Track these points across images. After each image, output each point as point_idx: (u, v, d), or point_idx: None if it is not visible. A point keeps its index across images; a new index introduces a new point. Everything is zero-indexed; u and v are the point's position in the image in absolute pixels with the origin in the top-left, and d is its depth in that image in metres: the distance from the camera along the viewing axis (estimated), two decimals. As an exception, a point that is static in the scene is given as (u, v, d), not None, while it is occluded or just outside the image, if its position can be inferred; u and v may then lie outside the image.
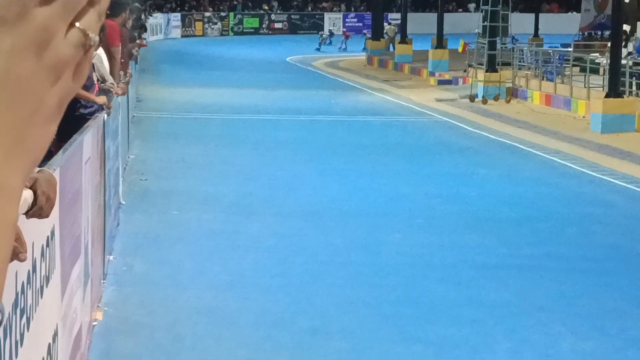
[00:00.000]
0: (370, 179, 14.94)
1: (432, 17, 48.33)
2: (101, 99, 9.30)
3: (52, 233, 4.93)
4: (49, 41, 0.68)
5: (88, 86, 9.07)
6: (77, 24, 0.70)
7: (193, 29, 62.62)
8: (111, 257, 9.76)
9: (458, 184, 14.63)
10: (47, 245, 4.71)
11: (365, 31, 51.64)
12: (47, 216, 3.74)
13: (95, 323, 7.77)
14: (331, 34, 54.85)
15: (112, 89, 10.77)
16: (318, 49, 50.89)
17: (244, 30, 64.79)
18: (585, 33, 38.85)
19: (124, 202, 12.42)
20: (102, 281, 8.74)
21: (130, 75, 15.40)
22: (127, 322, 8.04)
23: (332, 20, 65.52)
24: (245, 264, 9.93)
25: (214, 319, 8.22)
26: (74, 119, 7.97)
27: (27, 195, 3.43)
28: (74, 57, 0.70)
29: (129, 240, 10.74)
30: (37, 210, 3.60)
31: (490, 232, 11.57)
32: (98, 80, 10.36)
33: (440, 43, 36.32)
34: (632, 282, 9.61)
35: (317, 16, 66.22)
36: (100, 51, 10.81)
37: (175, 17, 61.84)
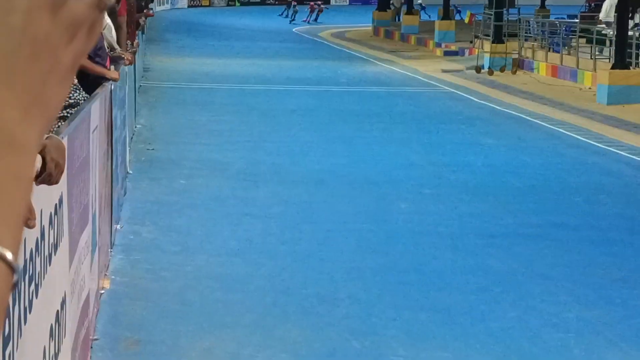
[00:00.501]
0: (378, 147, 14.96)
1: (439, -13, 48.11)
2: (114, 74, 9.31)
3: (60, 201, 4.96)
4: (65, 0, 0.69)
5: (103, 57, 9.06)
6: None
7: (199, -1, 62.45)
8: (119, 226, 9.80)
9: (464, 154, 14.65)
10: (56, 212, 4.74)
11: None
12: (56, 182, 3.73)
13: (102, 291, 7.81)
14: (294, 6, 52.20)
15: (122, 56, 10.79)
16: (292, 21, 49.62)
17: (251, 1, 64.60)
18: (592, 4, 38.65)
19: (131, 171, 12.46)
20: (109, 249, 8.79)
21: (137, 45, 15.40)
22: (135, 288, 8.09)
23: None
24: (253, 231, 9.97)
25: (223, 285, 8.27)
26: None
27: (36, 161, 3.43)
28: (88, 17, 0.71)
29: (136, 208, 10.78)
30: (46, 176, 3.57)
31: (497, 201, 11.60)
32: (108, 49, 10.36)
33: (447, 14, 36.18)
34: (638, 252, 9.64)
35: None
36: (108, 21, 10.81)
37: (182, -13, 61.67)
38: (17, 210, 0.66)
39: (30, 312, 3.87)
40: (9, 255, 0.64)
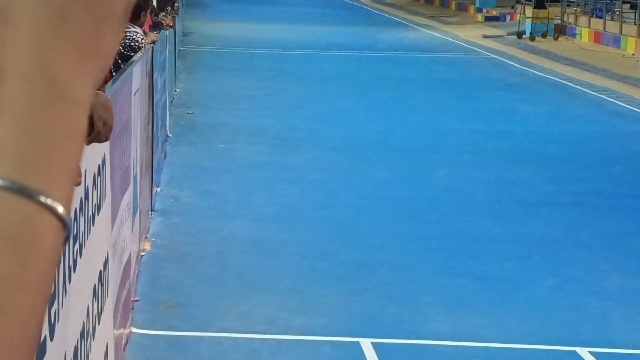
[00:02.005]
0: (416, 114, 14.89)
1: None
2: (153, 36, 9.32)
3: (103, 162, 4.98)
4: None
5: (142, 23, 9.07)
6: None
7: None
8: (159, 189, 9.86)
9: (504, 121, 14.55)
10: (99, 173, 4.76)
11: None
12: (106, 140, 3.69)
13: (143, 253, 7.87)
14: None
15: (163, 21, 10.82)
16: None
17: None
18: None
19: (170, 135, 12.50)
20: (150, 212, 8.84)
21: (177, 8, 15.40)
22: (174, 252, 8.14)
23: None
24: (290, 197, 9.98)
25: (259, 249, 8.29)
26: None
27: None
28: None
29: (175, 172, 10.82)
30: (95, 135, 3.54)
31: (536, 169, 11.51)
32: (151, 12, 10.38)
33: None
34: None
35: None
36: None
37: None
38: (69, 164, 0.65)
39: (74, 272, 3.89)
40: (60, 209, 0.63)
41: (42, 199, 0.62)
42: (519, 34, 26.49)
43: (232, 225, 8.88)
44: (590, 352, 6.44)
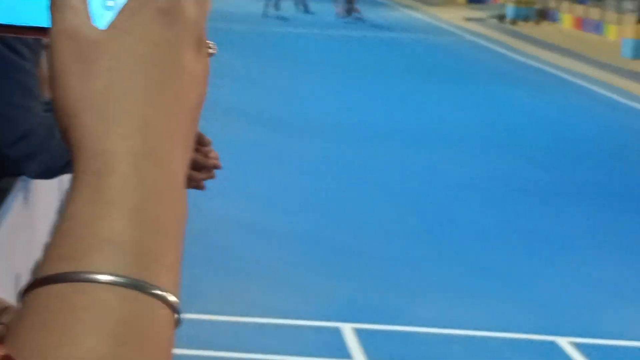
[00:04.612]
0: (400, 97, 14.87)
1: None
2: None
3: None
4: (201, 40, 0.69)
5: None
6: None
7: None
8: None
9: (490, 106, 14.57)
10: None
11: None
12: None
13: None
14: None
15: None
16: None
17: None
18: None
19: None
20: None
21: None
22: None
23: None
24: (278, 179, 9.92)
25: (243, 230, 8.23)
26: None
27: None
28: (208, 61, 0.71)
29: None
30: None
31: (527, 156, 11.52)
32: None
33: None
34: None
35: None
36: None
37: None
38: (179, 251, 0.67)
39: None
40: (172, 299, 0.65)
41: (159, 292, 0.64)
42: (501, 17, 26.49)
43: (216, 205, 8.80)
44: (570, 343, 6.44)
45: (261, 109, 13.35)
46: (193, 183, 2.08)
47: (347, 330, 6.42)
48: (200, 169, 2.05)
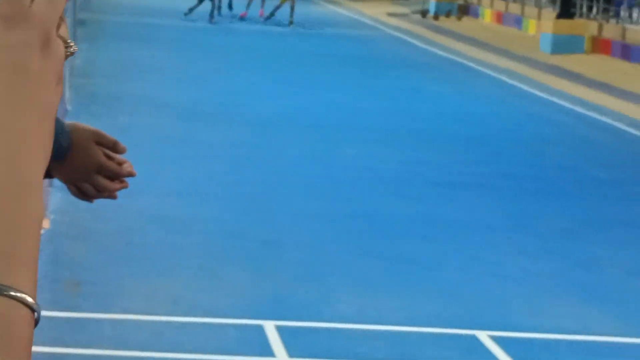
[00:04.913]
0: (325, 90, 14.89)
1: None
2: None
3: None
4: (49, 40, 0.69)
5: None
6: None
7: None
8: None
9: (411, 100, 14.67)
10: None
11: None
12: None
13: (42, 231, 7.67)
14: None
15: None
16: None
17: None
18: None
19: (70, 108, 12.23)
20: (48, 188, 8.63)
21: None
22: (76, 229, 7.96)
23: None
24: (197, 172, 9.88)
25: (166, 226, 8.18)
26: None
27: None
28: (63, 61, 0.72)
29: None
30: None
31: (442, 149, 11.63)
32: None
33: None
34: (581, 203, 9.74)
35: None
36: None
37: None
38: (34, 252, 0.67)
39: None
40: (29, 300, 0.66)
41: (13, 293, 0.64)
42: (424, 13, 26.70)
43: (138, 202, 8.73)
44: (490, 336, 6.53)
45: (172, 101, 13.26)
46: (106, 193, 2.05)
47: (270, 327, 6.43)
48: (113, 178, 2.02)
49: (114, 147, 2.01)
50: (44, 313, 5.76)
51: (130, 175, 2.08)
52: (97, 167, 1.97)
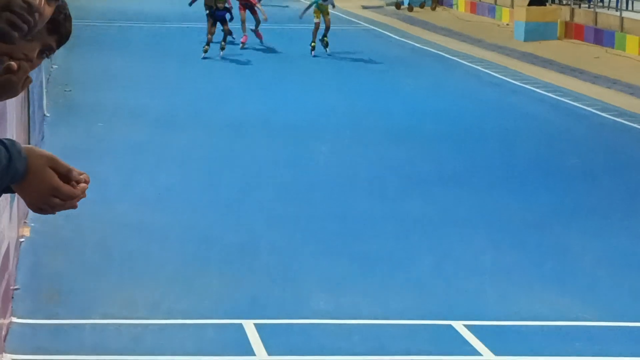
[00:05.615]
0: (298, 91, 14.91)
1: None
2: None
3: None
4: None
5: None
6: None
7: None
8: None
9: (384, 97, 14.70)
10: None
11: None
12: None
13: (22, 240, 7.77)
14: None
15: None
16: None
17: None
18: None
19: (48, 115, 12.29)
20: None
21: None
22: (54, 238, 8.04)
23: None
24: (172, 179, 9.95)
25: (143, 234, 8.27)
26: None
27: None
28: None
29: (54, 153, 10.62)
30: None
31: (415, 147, 11.69)
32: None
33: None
34: (551, 196, 9.84)
35: None
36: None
37: None
38: None
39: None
40: None
41: None
42: (397, 5, 26.78)
43: (114, 210, 8.82)
44: (465, 325, 6.65)
45: (146, 109, 13.30)
46: (63, 209, 2.17)
47: (249, 326, 6.53)
48: (66, 200, 2.13)
49: (67, 174, 2.11)
50: (24, 321, 5.81)
51: (82, 196, 2.18)
52: (52, 191, 2.09)
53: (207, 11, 17.29)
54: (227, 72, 16.50)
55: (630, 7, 20.69)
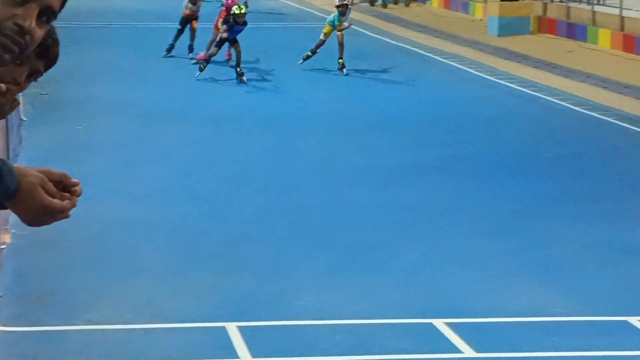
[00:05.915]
0: (281, 84, 14.97)
1: None
2: None
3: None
4: None
5: None
6: None
7: None
8: (16, 177, 9.66)
9: (365, 88, 14.83)
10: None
11: None
12: None
13: (3, 246, 7.76)
14: None
15: None
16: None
17: None
18: None
19: (25, 118, 12.26)
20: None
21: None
22: (37, 242, 8.01)
23: None
24: (158, 174, 9.94)
25: (129, 232, 8.25)
26: None
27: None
28: None
29: (34, 156, 10.60)
30: None
31: (399, 135, 11.85)
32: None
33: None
34: (532, 183, 9.97)
35: None
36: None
37: None
38: None
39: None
40: None
41: None
42: (372, 1, 26.84)
43: (100, 208, 8.79)
44: (446, 323, 6.73)
45: (129, 104, 13.31)
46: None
47: (232, 329, 6.57)
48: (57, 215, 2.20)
49: (61, 181, 2.18)
50: (9, 328, 5.84)
51: (72, 206, 2.24)
52: (42, 209, 2.16)
53: (225, 26, 15.65)
54: (211, 66, 16.46)
55: (601, 1, 20.84)
